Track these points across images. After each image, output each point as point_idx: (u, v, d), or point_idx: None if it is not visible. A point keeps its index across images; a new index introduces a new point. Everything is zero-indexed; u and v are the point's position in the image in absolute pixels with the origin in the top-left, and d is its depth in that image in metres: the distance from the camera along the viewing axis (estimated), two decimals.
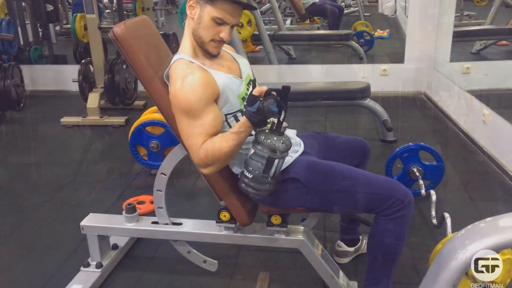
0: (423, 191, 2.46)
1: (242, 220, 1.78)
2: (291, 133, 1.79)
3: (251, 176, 1.51)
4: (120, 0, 6.02)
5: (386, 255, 1.65)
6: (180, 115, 1.55)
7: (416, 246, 2.20)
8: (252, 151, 1.51)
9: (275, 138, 1.47)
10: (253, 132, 1.56)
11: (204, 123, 1.53)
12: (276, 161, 1.49)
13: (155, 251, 2.26)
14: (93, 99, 4.09)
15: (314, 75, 4.73)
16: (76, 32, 4.67)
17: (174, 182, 2.38)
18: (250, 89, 1.70)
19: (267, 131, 1.49)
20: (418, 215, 2.45)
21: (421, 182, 2.51)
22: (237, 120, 1.63)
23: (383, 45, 6.48)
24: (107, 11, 8.41)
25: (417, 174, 2.54)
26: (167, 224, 1.96)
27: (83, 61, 4.31)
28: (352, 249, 2.11)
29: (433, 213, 2.31)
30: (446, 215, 2.07)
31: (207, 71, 1.57)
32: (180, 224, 1.97)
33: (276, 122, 1.48)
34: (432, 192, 2.41)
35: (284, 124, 1.49)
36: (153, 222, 1.99)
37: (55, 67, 5.26)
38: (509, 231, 0.92)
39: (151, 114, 3.00)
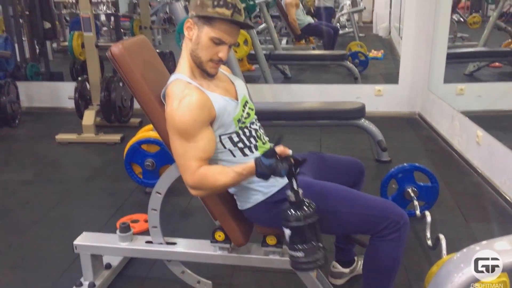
0: (418, 212, 2.46)
1: (237, 240, 1.77)
2: None
3: (303, 254, 1.48)
4: (118, 19, 6.07)
5: (381, 277, 1.65)
6: (174, 135, 1.55)
7: (411, 268, 2.19)
8: (287, 232, 1.50)
9: (300, 208, 1.48)
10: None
11: (197, 145, 1.54)
12: (314, 223, 1.49)
13: (149, 271, 2.24)
14: (89, 117, 4.09)
15: (309, 95, 4.75)
16: (73, 50, 4.69)
17: (169, 200, 2.38)
18: (259, 127, 1.74)
19: (288, 206, 1.50)
20: (413, 236, 2.44)
21: (416, 203, 2.51)
22: (231, 141, 1.63)
23: (378, 66, 6.54)
24: (104, 29, 8.47)
25: (412, 194, 2.54)
26: (161, 243, 1.95)
27: (79, 78, 4.33)
28: (347, 270, 2.10)
29: (428, 234, 2.30)
30: (441, 236, 2.07)
31: (204, 93, 1.57)
32: (174, 243, 1.96)
33: (294, 194, 1.49)
34: (427, 213, 2.41)
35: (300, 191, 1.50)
36: (147, 242, 1.98)
37: (51, 84, 5.26)
38: (504, 254, 0.93)
39: (147, 132, 3.00)
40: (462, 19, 7.45)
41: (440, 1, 4.14)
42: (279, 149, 1.47)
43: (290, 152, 1.48)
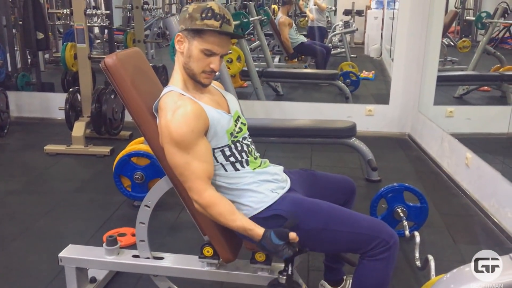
0: (407, 232, 2.46)
1: (225, 256, 1.75)
2: (277, 169, 1.79)
3: None
4: (111, 31, 6.08)
5: None
6: (172, 147, 1.55)
7: None
8: None
9: None
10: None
11: (198, 156, 1.54)
12: None
13: (135, 285, 2.20)
14: (79, 128, 4.06)
15: (301, 113, 4.77)
16: (65, 61, 4.67)
17: (157, 214, 2.35)
18: (250, 142, 1.74)
19: (276, 285, 1.57)
20: (402, 257, 2.44)
21: (405, 223, 2.51)
22: (224, 154, 1.63)
23: (369, 86, 6.60)
24: (98, 41, 8.48)
25: (401, 214, 2.54)
26: (148, 258, 1.92)
27: (71, 89, 4.30)
28: None
29: (417, 255, 2.30)
30: (430, 257, 2.06)
31: (198, 104, 1.58)
32: (161, 258, 1.94)
33: (286, 277, 1.56)
34: (416, 233, 2.41)
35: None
36: (134, 256, 1.95)
37: (42, 95, 5.23)
38: None
39: (137, 145, 2.98)
40: (452, 43, 7.56)
41: (431, 25, 4.21)
42: (292, 235, 1.50)
43: (297, 240, 1.52)
